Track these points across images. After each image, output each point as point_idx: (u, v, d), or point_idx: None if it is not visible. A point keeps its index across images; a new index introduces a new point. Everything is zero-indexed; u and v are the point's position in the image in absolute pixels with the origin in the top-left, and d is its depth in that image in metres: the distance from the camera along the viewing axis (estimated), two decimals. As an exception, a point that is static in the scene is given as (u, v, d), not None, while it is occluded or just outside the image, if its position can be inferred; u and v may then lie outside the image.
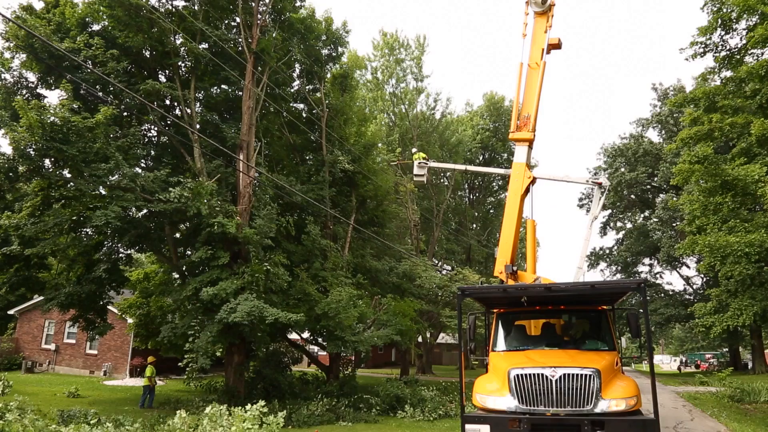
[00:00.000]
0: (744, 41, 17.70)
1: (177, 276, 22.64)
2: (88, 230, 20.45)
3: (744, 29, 17.68)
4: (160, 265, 25.03)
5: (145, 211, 19.79)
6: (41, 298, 25.29)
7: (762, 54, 17.91)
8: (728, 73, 18.69)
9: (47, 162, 17.98)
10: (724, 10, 17.38)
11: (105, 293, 21.89)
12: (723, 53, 18.55)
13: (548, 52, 15.20)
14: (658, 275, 48.57)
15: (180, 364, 20.53)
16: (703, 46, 18.62)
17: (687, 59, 18.93)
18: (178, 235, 22.42)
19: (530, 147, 15.47)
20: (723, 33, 18.10)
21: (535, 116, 15.16)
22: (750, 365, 45.86)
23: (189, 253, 22.37)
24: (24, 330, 35.67)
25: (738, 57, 18.30)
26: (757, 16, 16.81)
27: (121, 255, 22.27)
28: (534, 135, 15.32)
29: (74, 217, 19.11)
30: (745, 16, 17.12)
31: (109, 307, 23.96)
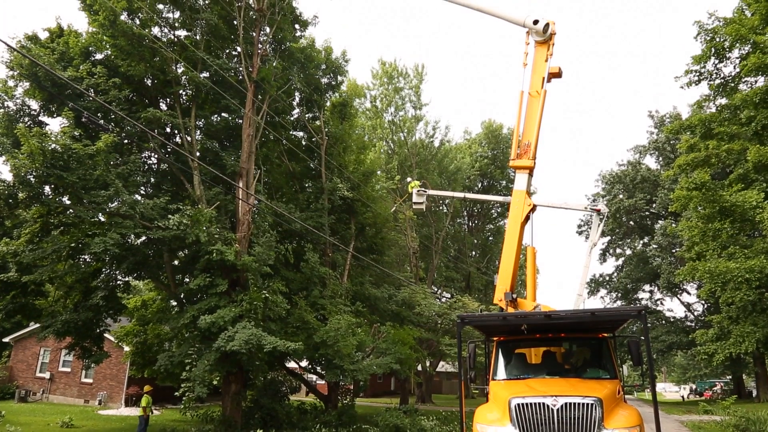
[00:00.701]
0: (737, 69, 17.94)
1: (175, 303, 22.50)
2: (86, 257, 20.37)
3: (737, 58, 17.95)
4: (157, 293, 24.88)
5: (143, 238, 19.74)
6: (37, 325, 25.07)
7: (756, 82, 18.15)
8: (723, 101, 18.92)
9: (47, 189, 18.01)
10: (717, 40, 17.66)
11: (102, 321, 21.71)
12: (717, 81, 18.80)
13: (549, 81, 15.34)
14: (658, 302, 48.31)
15: (176, 393, 20.25)
16: (697, 74, 18.87)
17: (682, 87, 19.16)
18: (176, 262, 22.34)
19: (530, 175, 15.51)
20: (717, 61, 18.37)
21: (535, 144, 15.24)
22: (754, 393, 45.29)
23: (187, 280, 22.26)
24: (18, 358, 35.26)
25: (732, 85, 18.53)
26: (749, 45, 17.07)
27: (119, 282, 22.15)
28: (534, 163, 15.38)
29: (72, 244, 19.06)
30: (737, 45, 17.39)
31: (106, 335, 23.73)
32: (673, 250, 40.62)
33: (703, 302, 42.45)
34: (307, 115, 26.68)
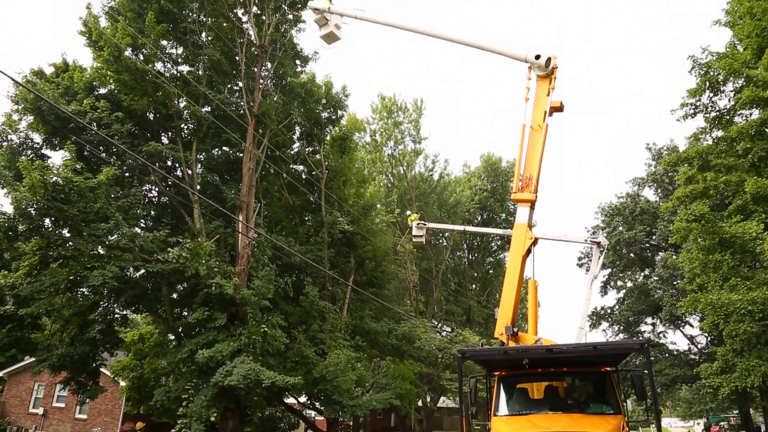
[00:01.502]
0: (732, 102, 18.18)
1: (173, 337, 22.27)
2: (84, 290, 20.26)
3: (731, 91, 18.20)
4: (155, 326, 24.66)
5: (142, 271, 19.68)
6: (32, 359, 24.75)
7: (751, 114, 18.36)
8: (719, 133, 19.10)
9: (47, 221, 18.04)
10: (711, 73, 17.94)
11: (98, 355, 21.45)
12: (713, 114, 19.02)
13: (550, 115, 15.45)
14: (661, 335, 47.76)
15: (173, 430, 19.87)
16: (693, 107, 19.10)
17: (678, 120, 19.38)
18: (175, 295, 22.21)
19: (532, 208, 15.50)
20: (711, 94, 18.62)
21: (537, 177, 15.28)
22: (762, 429, 44.41)
23: (185, 314, 22.10)
24: (12, 393, 34.68)
25: (728, 117, 18.75)
26: (742, 79, 17.34)
27: (116, 315, 21.97)
28: (536, 196, 15.39)
29: (71, 277, 18.98)
30: (731, 78, 17.67)
31: (102, 369, 23.39)
32: (675, 282, 40.43)
33: (706, 335, 42.02)
34: (307, 149, 26.91)
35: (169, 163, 22.30)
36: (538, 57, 14.91)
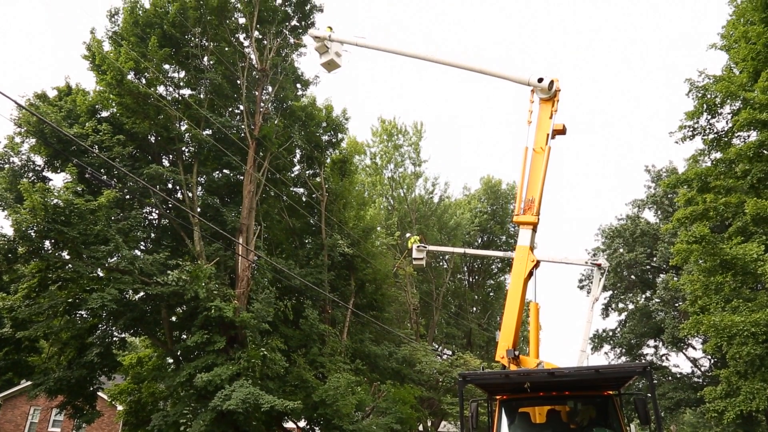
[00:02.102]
0: (730, 124, 18.31)
1: (171, 361, 22.09)
2: (82, 313, 20.17)
3: (728, 113, 18.35)
4: (154, 350, 24.47)
5: (142, 293, 19.61)
6: (29, 383, 24.50)
7: (748, 136, 18.48)
8: (718, 155, 19.19)
9: (47, 243, 18.04)
10: (708, 96, 18.10)
11: (96, 378, 21.25)
12: (711, 136, 19.14)
13: (553, 137, 15.49)
14: (664, 357, 47.33)
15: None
16: (691, 129, 19.22)
17: (677, 142, 19.48)
18: (174, 318, 22.08)
19: (534, 231, 15.47)
20: (709, 117, 18.75)
21: (539, 200, 15.27)
22: (768, 455, 43.70)
23: (184, 337, 21.95)
24: (6, 418, 34.24)
25: (726, 139, 18.87)
26: (739, 102, 17.49)
27: (115, 338, 21.83)
28: (538, 219, 15.36)
29: (70, 300, 18.91)
30: (728, 101, 17.82)
31: (99, 393, 23.14)
32: (676, 304, 40.22)
33: (709, 357, 41.66)
34: (307, 172, 27.02)
35: (170, 185, 22.39)
36: (540, 80, 14.98)
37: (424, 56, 16.62)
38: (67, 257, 18.41)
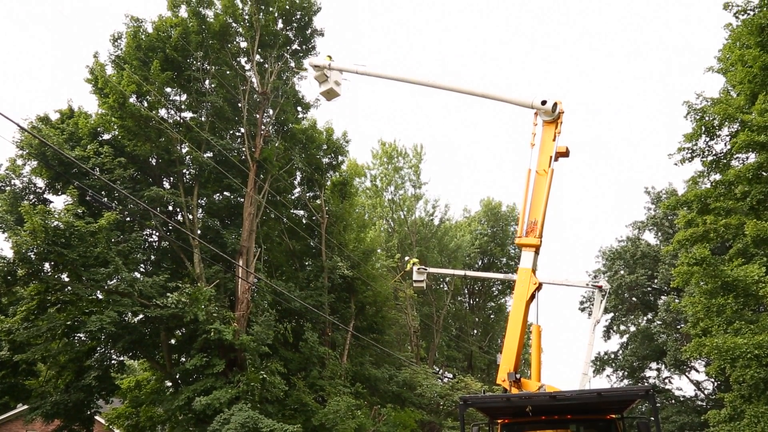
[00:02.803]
0: (728, 146, 18.39)
1: (170, 384, 21.89)
2: (81, 335, 20.05)
3: (727, 135, 18.44)
4: (152, 373, 24.26)
5: (141, 316, 19.52)
6: (25, 407, 24.24)
7: (747, 158, 18.54)
8: (717, 176, 19.23)
9: (47, 265, 18.02)
10: (707, 118, 18.21)
11: (93, 402, 21.06)
12: (710, 158, 19.20)
13: (556, 160, 15.51)
14: (666, 380, 46.86)
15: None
16: (690, 151, 19.28)
17: (676, 164, 19.54)
18: (173, 341, 21.96)
19: (537, 253, 15.39)
20: (707, 139, 18.83)
21: (542, 222, 15.22)
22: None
23: (183, 360, 21.79)
24: (3, 443, 33.79)
25: (725, 161, 18.93)
26: (737, 124, 17.60)
27: (113, 361, 21.67)
28: (541, 241, 15.30)
29: (68, 322, 18.82)
30: (726, 123, 17.92)
31: (97, 417, 22.92)
32: (678, 326, 39.94)
33: (712, 380, 41.25)
34: (307, 194, 27.10)
35: (171, 207, 22.43)
36: (544, 102, 14.99)
37: (426, 82, 16.67)
38: (67, 279, 18.38)
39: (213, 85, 22.92)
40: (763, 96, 16.92)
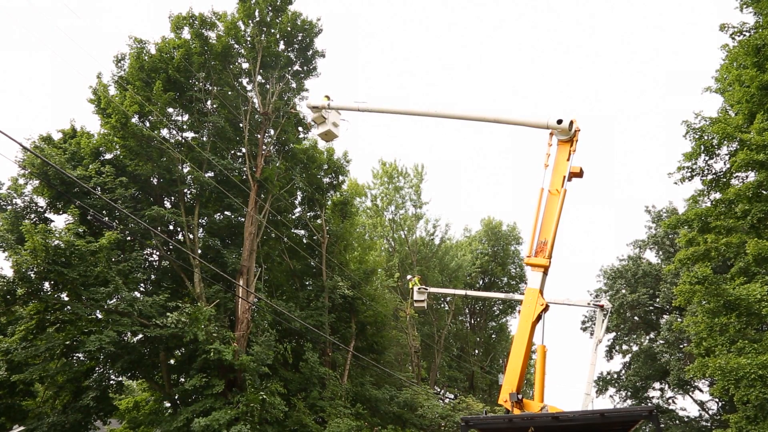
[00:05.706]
0: (728, 165, 18.45)
1: (168, 405, 21.69)
2: (80, 355, 19.92)
3: (726, 154, 18.51)
4: (151, 393, 24.06)
5: (140, 336, 19.42)
6: (22, 428, 23.97)
7: (747, 176, 18.59)
8: (717, 195, 19.26)
9: (46, 285, 17.98)
10: (706, 138, 18.30)
11: (91, 423, 20.81)
12: (710, 176, 19.25)
13: (569, 180, 15.42)
14: (670, 400, 46.40)
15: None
16: (689, 170, 19.34)
17: (676, 183, 19.59)
18: (172, 361, 21.82)
19: (545, 273, 15.25)
20: (707, 158, 18.90)
21: (552, 243, 15.11)
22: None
23: (183, 380, 21.62)
24: (0, 468, 33.34)
25: (724, 180, 18.97)
26: (736, 143, 17.67)
27: (111, 382, 21.48)
28: (550, 262, 15.16)
29: (67, 342, 18.71)
30: (725, 142, 18.01)
31: (94, 439, 22.61)
32: (681, 346, 39.67)
33: (716, 400, 40.84)
34: (308, 214, 27.15)
35: (171, 227, 22.45)
36: (560, 122, 14.84)
37: (435, 113, 16.29)
38: (66, 299, 18.32)
39: (215, 106, 23.10)
40: (760, 115, 17.04)
